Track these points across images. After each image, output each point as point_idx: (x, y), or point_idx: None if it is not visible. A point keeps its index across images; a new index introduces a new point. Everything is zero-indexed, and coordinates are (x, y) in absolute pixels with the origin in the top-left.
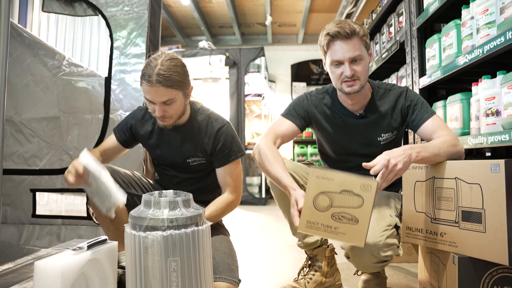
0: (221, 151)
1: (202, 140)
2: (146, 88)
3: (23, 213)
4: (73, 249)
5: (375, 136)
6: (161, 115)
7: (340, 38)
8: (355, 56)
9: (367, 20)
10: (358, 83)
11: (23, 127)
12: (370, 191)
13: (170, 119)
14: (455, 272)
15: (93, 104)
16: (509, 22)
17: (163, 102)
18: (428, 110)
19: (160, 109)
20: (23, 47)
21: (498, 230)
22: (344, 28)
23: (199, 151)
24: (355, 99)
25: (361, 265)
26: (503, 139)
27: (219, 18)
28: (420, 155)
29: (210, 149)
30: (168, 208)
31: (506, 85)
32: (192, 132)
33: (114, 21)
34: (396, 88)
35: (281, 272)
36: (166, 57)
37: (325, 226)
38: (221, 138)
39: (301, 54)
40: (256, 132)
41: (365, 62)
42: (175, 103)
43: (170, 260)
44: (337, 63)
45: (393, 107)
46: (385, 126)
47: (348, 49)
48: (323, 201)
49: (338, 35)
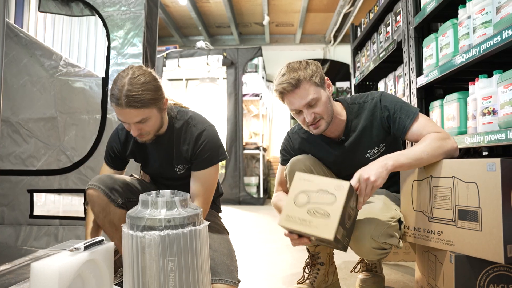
0: (200, 156)
1: (181, 147)
2: (117, 110)
3: (21, 213)
4: (70, 250)
5: (363, 154)
6: (137, 134)
7: (289, 92)
8: (308, 101)
9: (365, 20)
10: (323, 122)
11: (20, 128)
12: (342, 190)
13: (147, 135)
14: (452, 271)
15: (90, 104)
16: (505, 21)
17: (136, 122)
18: (409, 113)
19: (135, 129)
20: (19, 47)
21: (494, 229)
22: (289, 81)
23: (182, 158)
24: (331, 129)
25: (361, 249)
26: (499, 138)
27: (217, 18)
28: (398, 162)
29: (189, 155)
30: (166, 208)
31: (502, 84)
32: (172, 140)
33: (111, 21)
34: (369, 99)
35: (280, 272)
36: (134, 75)
37: (301, 220)
38: (201, 144)
39: (298, 54)
40: (254, 132)
41: (322, 101)
42: (150, 120)
43: (168, 260)
44: (296, 111)
45: (371, 122)
46: (368, 143)
47: (300, 98)
48: (302, 198)
49: (285, 91)
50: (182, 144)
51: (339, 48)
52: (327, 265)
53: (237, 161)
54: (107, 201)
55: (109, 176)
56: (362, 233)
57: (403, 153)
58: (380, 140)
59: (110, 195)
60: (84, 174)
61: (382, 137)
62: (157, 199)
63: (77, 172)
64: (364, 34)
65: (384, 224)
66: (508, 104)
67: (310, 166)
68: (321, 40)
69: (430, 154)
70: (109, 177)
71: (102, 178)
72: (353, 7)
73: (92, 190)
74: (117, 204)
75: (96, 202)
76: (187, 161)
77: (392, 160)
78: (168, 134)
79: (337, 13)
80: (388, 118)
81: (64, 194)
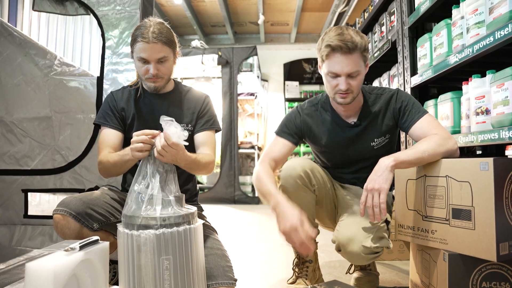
0: (207, 115)
1: (189, 104)
2: (142, 46)
3: (15, 213)
4: (65, 250)
5: (369, 142)
6: (155, 73)
7: (341, 52)
8: (352, 72)
9: (359, 19)
10: (350, 96)
11: (14, 127)
12: None
13: (162, 79)
14: (445, 269)
15: (85, 103)
16: (497, 22)
17: (158, 59)
18: (420, 110)
19: (154, 67)
20: (13, 46)
21: (487, 227)
22: (347, 42)
23: (186, 116)
24: (349, 107)
25: (353, 257)
26: (492, 138)
27: (212, 17)
28: (399, 160)
29: (198, 111)
30: (161, 206)
31: (495, 84)
32: (179, 98)
33: (106, 20)
34: (387, 91)
35: (275, 270)
36: (156, 21)
37: None
38: (208, 105)
39: (293, 53)
40: (249, 131)
41: (361, 77)
42: (168, 61)
43: (163, 259)
44: (333, 75)
45: (385, 111)
46: (377, 131)
47: (348, 64)
48: None
49: (339, 49)
50: (191, 100)
51: None
52: (315, 262)
53: (232, 160)
54: (80, 227)
55: (80, 200)
56: (352, 241)
57: (404, 151)
58: (387, 131)
59: (83, 221)
60: (79, 173)
61: (390, 127)
62: (152, 196)
63: (72, 171)
64: None
65: (372, 228)
66: (500, 103)
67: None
68: (316, 39)
69: (430, 154)
70: (80, 201)
71: (72, 202)
72: (347, 7)
73: (59, 216)
74: (92, 229)
75: (65, 228)
76: (191, 119)
77: (393, 157)
78: (174, 92)
79: (332, 13)
80: (400, 110)
81: (59, 194)
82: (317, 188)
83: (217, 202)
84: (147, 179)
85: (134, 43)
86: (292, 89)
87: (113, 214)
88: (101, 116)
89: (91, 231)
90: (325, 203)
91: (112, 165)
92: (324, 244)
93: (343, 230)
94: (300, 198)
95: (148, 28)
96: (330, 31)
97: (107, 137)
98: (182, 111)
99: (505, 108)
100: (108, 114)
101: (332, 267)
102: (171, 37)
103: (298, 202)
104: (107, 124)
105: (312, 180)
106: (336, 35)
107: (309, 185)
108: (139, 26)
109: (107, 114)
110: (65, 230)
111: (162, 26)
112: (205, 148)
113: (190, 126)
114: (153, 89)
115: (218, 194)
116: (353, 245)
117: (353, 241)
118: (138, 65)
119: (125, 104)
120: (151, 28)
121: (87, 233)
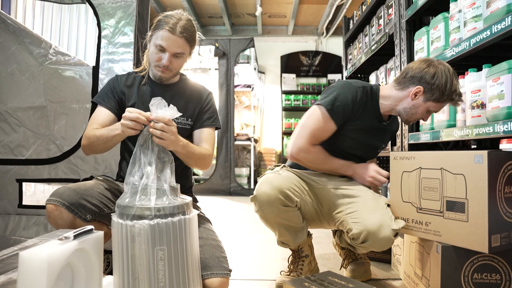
0: (209, 112)
1: (192, 98)
2: (166, 35)
3: (9, 203)
4: (59, 239)
5: (380, 144)
6: (167, 64)
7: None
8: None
9: (357, 12)
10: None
11: (9, 116)
12: None
13: (170, 72)
14: (438, 261)
15: (80, 93)
16: (495, 15)
17: (176, 53)
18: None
19: (168, 59)
20: (7, 34)
21: (480, 219)
22: None
23: (188, 109)
24: (385, 108)
25: (383, 243)
26: (487, 131)
27: (209, 8)
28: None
29: (200, 106)
30: (156, 196)
31: (491, 78)
32: (184, 90)
33: (102, 9)
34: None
35: (269, 261)
36: (186, 17)
37: None
38: (211, 101)
39: (291, 46)
40: (245, 123)
41: None
42: (182, 58)
43: (157, 249)
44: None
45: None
46: (387, 139)
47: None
48: None
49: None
50: (196, 94)
51: (331, 40)
52: (310, 255)
53: (228, 152)
54: (72, 217)
55: (74, 190)
56: (382, 226)
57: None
58: (388, 140)
59: (76, 211)
60: (74, 163)
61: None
62: (146, 186)
63: (67, 161)
64: (357, 26)
65: (385, 210)
66: (496, 98)
67: (284, 190)
68: (313, 32)
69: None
70: (73, 191)
71: (65, 193)
72: None
73: (52, 206)
74: (85, 220)
75: (58, 218)
76: (192, 114)
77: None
78: (179, 84)
79: (330, 5)
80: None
81: (53, 184)
82: (298, 201)
83: (213, 194)
84: (142, 168)
85: (157, 29)
86: (289, 81)
87: (106, 205)
88: (99, 96)
89: (84, 222)
90: (308, 209)
91: (97, 139)
92: (318, 236)
93: (369, 218)
94: (287, 219)
95: (178, 21)
96: (449, 81)
97: (100, 115)
98: (185, 104)
99: (500, 102)
100: (107, 95)
101: (326, 258)
102: (194, 37)
103: (284, 223)
104: (103, 104)
105: (292, 198)
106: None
107: (290, 203)
108: (168, 15)
109: (106, 94)
110: (58, 220)
111: (191, 23)
112: (204, 144)
113: (190, 120)
114: (158, 78)
115: (214, 185)
116: (385, 230)
117: (383, 226)
118: (153, 51)
119: (127, 89)
120: (181, 22)
121: (80, 224)
